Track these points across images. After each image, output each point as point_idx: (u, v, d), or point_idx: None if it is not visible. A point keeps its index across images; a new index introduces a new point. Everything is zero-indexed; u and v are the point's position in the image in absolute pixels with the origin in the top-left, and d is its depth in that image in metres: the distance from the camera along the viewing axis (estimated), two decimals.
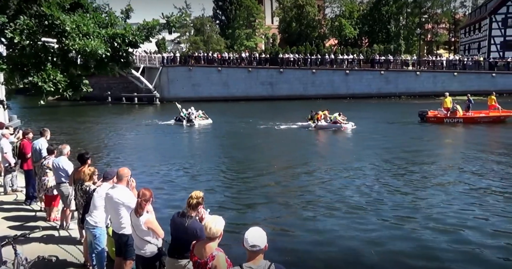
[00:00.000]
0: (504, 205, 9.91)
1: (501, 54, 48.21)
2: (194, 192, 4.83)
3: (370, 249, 7.75)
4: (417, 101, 39.32)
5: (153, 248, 5.03)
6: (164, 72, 45.27)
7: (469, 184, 11.77)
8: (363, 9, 64.45)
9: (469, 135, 21.38)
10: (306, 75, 44.82)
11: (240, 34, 56.61)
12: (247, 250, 3.53)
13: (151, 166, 15.28)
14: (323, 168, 14.34)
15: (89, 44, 6.00)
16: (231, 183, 12.91)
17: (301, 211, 10.11)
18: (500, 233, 8.28)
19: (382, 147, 18.00)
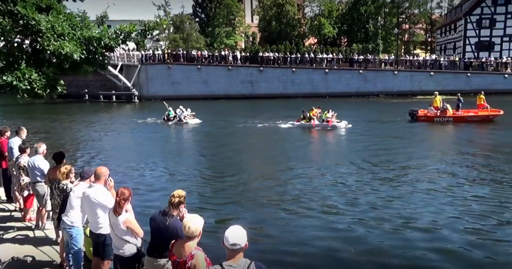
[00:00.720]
0: (480, 205, 10.08)
1: (475, 54, 49.37)
2: (176, 190, 4.80)
3: (350, 248, 7.82)
4: (394, 100, 39.96)
5: (132, 248, 4.97)
6: (143, 70, 44.78)
7: (451, 185, 11.85)
8: (342, 9, 65.05)
9: (458, 134, 21.56)
10: (286, 74, 45.01)
11: (220, 32, 56.41)
12: (227, 249, 3.54)
13: (130, 165, 15.10)
14: (306, 168, 14.28)
15: (64, 46, 5.92)
16: (211, 182, 12.86)
17: (281, 210, 10.14)
18: (475, 231, 8.41)
19: (373, 146, 17.96)
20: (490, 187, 11.41)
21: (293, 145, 19.27)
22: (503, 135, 20.17)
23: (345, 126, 23.29)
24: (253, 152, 18.40)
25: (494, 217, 9.09)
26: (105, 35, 6.45)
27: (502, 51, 49.18)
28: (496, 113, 23.87)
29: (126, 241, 4.92)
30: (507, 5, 48.87)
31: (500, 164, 14.07)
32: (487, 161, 14.78)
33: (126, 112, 37.76)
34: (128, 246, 4.94)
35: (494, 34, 49.88)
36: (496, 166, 13.80)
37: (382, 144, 18.42)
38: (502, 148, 16.66)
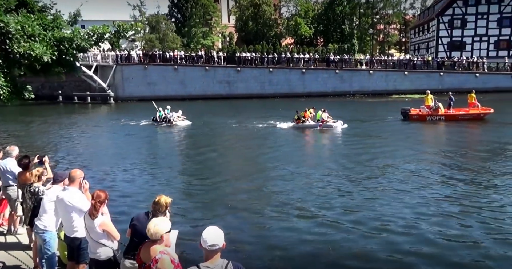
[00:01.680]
0: (460, 205, 10.09)
1: (448, 54, 50.56)
2: (163, 198, 4.71)
3: (328, 247, 7.87)
4: (370, 99, 40.53)
5: (108, 251, 4.90)
6: (118, 71, 44.16)
7: (433, 185, 11.75)
8: (318, 9, 65.66)
9: (450, 133, 21.57)
10: (263, 74, 45.12)
11: (197, 33, 56.11)
12: (205, 250, 3.52)
13: (106, 167, 14.86)
14: (289, 169, 14.10)
15: (34, 47, 5.79)
16: (189, 184, 12.77)
17: (259, 210, 10.14)
18: (452, 233, 8.38)
19: (364, 147, 17.77)
20: (471, 187, 11.41)
21: (279, 146, 18.83)
22: (493, 133, 20.37)
23: (341, 126, 22.85)
24: (235, 154, 18.30)
25: (471, 218, 9.08)
26: (76, 36, 6.33)
27: (473, 51, 50.51)
28: (486, 111, 24.20)
29: (102, 244, 4.85)
30: (477, 6, 50.24)
31: (485, 163, 14.05)
32: (473, 160, 14.71)
33: (101, 113, 37.16)
34: (104, 249, 4.87)
35: (466, 34, 51.20)
36: (481, 166, 13.75)
37: (374, 144, 18.25)
38: (492, 147, 16.81)
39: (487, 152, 15.98)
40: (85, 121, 30.01)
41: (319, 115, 23.46)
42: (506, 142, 17.77)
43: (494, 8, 49.95)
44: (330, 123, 22.94)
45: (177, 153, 18.19)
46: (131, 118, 28.25)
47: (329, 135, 21.81)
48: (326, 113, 23.46)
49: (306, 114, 23.67)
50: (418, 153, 16.30)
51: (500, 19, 50.08)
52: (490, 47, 50.89)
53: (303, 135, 22.17)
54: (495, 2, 49.76)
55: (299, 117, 23.72)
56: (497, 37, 50.60)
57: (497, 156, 15.27)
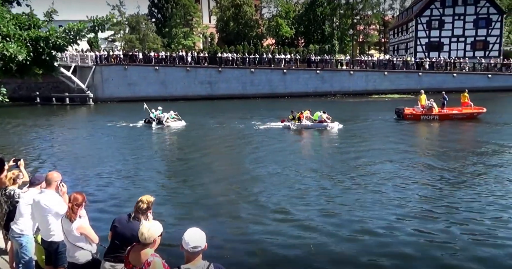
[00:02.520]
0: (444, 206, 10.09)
1: (426, 54, 51.42)
2: (144, 196, 4.70)
3: (310, 247, 7.87)
4: (351, 99, 40.91)
5: (87, 255, 4.81)
6: (97, 72, 43.54)
7: (420, 186, 11.73)
8: (299, 10, 66.03)
9: (444, 132, 21.62)
10: (245, 75, 45.11)
11: (177, 33, 55.78)
12: (187, 252, 3.48)
13: (85, 170, 14.60)
14: (274, 169, 13.96)
15: (9, 47, 5.63)
16: (170, 186, 12.62)
17: (240, 211, 10.09)
18: (432, 234, 8.35)
19: (356, 147, 17.66)
20: (455, 188, 11.42)
21: (267, 146, 18.55)
22: (486, 132, 20.51)
23: (338, 127, 22.55)
24: (218, 155, 18.10)
25: (452, 219, 9.06)
26: (52, 35, 6.17)
27: (451, 51, 51.53)
28: (479, 111, 24.53)
29: (80, 248, 4.75)
30: (454, 7, 51.27)
31: (472, 163, 14.09)
32: (461, 160, 14.63)
33: (81, 115, 36.57)
34: (83, 252, 4.78)
35: (443, 35, 52.18)
36: (468, 166, 13.77)
37: (367, 144, 18.08)
38: (484, 146, 16.94)
39: (477, 152, 15.95)
40: (64, 123, 29.47)
41: (317, 116, 23.15)
42: (496, 141, 17.78)
43: (471, 10, 51.04)
44: (327, 123, 22.59)
45: (160, 154, 17.94)
46: (117, 120, 27.55)
47: (324, 135, 21.62)
48: (326, 114, 23.08)
49: (301, 116, 23.24)
50: (408, 153, 16.26)
51: (476, 20, 51.20)
52: (467, 48, 51.97)
53: (296, 136, 21.78)
54: (471, 4, 50.85)
55: (294, 117, 23.33)
56: (473, 38, 51.72)
57: (485, 156, 15.30)
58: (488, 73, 44.63)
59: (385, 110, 28.87)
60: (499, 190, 10.99)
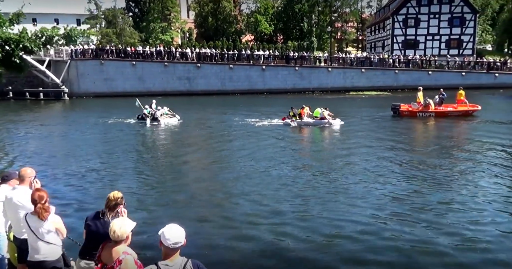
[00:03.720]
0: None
1: (402, 52, 52.24)
2: (112, 192, 4.64)
3: (287, 244, 7.90)
4: (329, 96, 41.23)
5: (58, 250, 4.73)
6: (73, 66, 42.65)
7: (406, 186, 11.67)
8: (278, 6, 66.08)
9: (440, 129, 21.65)
10: (224, 71, 44.94)
11: (155, 28, 55.09)
12: (167, 249, 3.46)
13: (60, 166, 14.30)
14: (256, 167, 13.88)
15: None
16: (147, 183, 12.46)
17: (219, 207, 10.09)
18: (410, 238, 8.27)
19: (353, 143, 17.58)
20: (438, 187, 11.46)
21: (262, 143, 18.24)
22: (481, 129, 20.71)
23: (339, 124, 22.26)
24: (207, 152, 17.93)
25: (431, 220, 9.01)
26: (24, 37, 6.00)
27: (426, 49, 52.49)
28: (474, 108, 24.83)
29: (53, 244, 4.66)
30: (429, 6, 52.20)
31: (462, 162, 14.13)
32: (447, 158, 14.64)
33: (55, 110, 35.78)
34: (55, 249, 4.69)
35: (419, 33, 53.09)
36: (460, 164, 13.75)
37: (365, 141, 17.97)
38: (478, 144, 17.02)
39: (470, 150, 15.99)
40: (38, 118, 28.77)
41: (317, 112, 22.83)
42: (488, 139, 17.89)
43: (445, 8, 52.06)
44: (328, 120, 22.26)
45: (141, 151, 17.64)
46: (107, 116, 26.71)
47: (323, 132, 21.29)
48: (327, 111, 22.74)
49: (302, 112, 22.82)
50: (406, 151, 16.16)
51: (451, 19, 52.28)
52: (441, 46, 53.03)
53: (291, 133, 21.23)
54: (446, 2, 51.86)
55: (295, 114, 22.92)
56: (448, 36, 52.80)
57: (475, 153, 15.37)
58: (462, 71, 45.62)
59: (369, 107, 29.11)
60: (488, 189, 11.05)
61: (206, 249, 7.63)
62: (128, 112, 26.82)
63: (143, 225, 8.10)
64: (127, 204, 4.88)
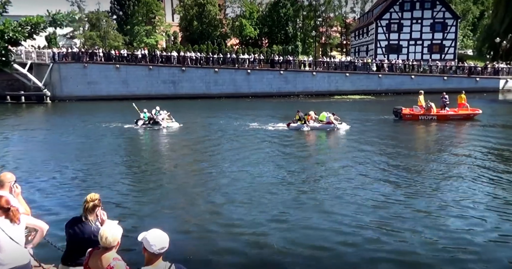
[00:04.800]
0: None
1: (386, 56, 52.92)
2: (89, 195, 4.55)
3: (273, 243, 7.90)
4: (314, 100, 41.46)
5: (28, 255, 4.65)
6: (55, 69, 42.07)
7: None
8: (263, 10, 66.36)
9: (442, 133, 21.52)
10: (209, 74, 44.87)
11: (140, 31, 54.82)
12: (151, 254, 3.42)
13: (41, 171, 14.05)
14: (241, 170, 13.81)
15: None
16: (130, 188, 12.32)
17: (201, 210, 10.01)
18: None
19: (368, 149, 17.17)
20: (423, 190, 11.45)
21: (259, 147, 17.94)
22: (481, 133, 20.59)
23: (345, 128, 21.91)
24: (188, 156, 17.87)
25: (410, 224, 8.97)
26: (8, 28, 5.88)
27: (409, 54, 53.27)
28: (476, 112, 25.07)
29: (25, 247, 4.58)
30: (412, 11, 53.08)
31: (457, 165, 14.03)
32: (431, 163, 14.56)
33: (37, 114, 35.23)
34: (26, 253, 4.61)
35: (402, 37, 53.92)
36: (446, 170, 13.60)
37: (375, 146, 17.63)
38: (481, 147, 16.90)
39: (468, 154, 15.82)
40: (19, 122, 28.24)
41: (324, 116, 22.40)
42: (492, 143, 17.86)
43: (428, 14, 52.99)
44: (334, 125, 21.88)
45: (126, 156, 17.33)
46: (108, 120, 25.94)
47: (329, 136, 20.93)
48: (334, 115, 22.31)
49: (309, 117, 22.37)
50: (405, 156, 15.91)
51: (433, 24, 53.24)
52: (424, 51, 53.92)
53: (297, 138, 20.61)
54: (428, 8, 52.81)
55: (300, 118, 22.36)
56: (430, 41, 53.74)
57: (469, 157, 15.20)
58: (444, 75, 46.38)
59: (357, 110, 28.87)
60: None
61: (190, 253, 7.57)
62: (113, 116, 26.56)
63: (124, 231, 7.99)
64: (107, 210, 4.81)
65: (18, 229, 4.47)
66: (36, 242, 4.79)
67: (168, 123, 23.81)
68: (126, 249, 6.89)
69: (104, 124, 25.07)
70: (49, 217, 8.69)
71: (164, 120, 23.74)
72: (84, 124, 25.28)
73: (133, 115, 25.07)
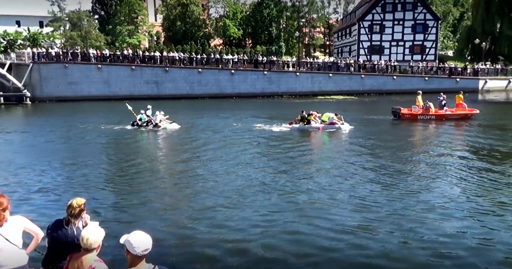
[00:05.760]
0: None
1: (368, 57, 53.49)
2: (75, 200, 4.47)
3: (257, 244, 7.87)
4: (297, 100, 41.62)
5: (26, 257, 4.56)
6: (35, 70, 41.33)
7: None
8: (246, 11, 66.42)
9: (441, 132, 21.58)
10: (192, 75, 44.67)
11: (122, 31, 54.26)
12: (135, 257, 3.39)
13: (22, 174, 13.76)
14: (228, 170, 13.71)
15: None
16: (111, 190, 12.17)
17: (186, 212, 9.94)
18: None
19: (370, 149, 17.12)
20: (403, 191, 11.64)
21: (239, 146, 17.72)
22: (478, 133, 20.73)
23: (349, 128, 21.77)
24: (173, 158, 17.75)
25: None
26: None
27: (391, 55, 53.94)
28: (473, 112, 25.40)
29: (21, 248, 4.50)
30: (394, 13, 53.79)
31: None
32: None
33: (17, 115, 34.52)
34: (24, 254, 4.52)
35: (384, 39, 54.57)
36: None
37: (380, 146, 17.58)
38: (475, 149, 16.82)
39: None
40: None
41: (327, 116, 22.21)
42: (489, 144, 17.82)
43: (409, 15, 53.77)
44: (338, 125, 21.74)
45: (107, 157, 17.15)
46: (98, 122, 25.37)
47: (331, 137, 20.71)
48: (338, 115, 22.14)
49: (313, 116, 22.15)
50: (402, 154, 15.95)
51: (414, 25, 54.03)
52: (405, 51, 54.68)
53: (300, 138, 20.35)
54: (410, 9, 53.57)
55: (303, 119, 22.13)
56: (411, 42, 54.53)
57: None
58: (425, 76, 47.07)
59: (342, 110, 28.56)
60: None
61: (174, 255, 7.51)
62: (96, 117, 26.20)
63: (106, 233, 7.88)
64: (88, 213, 4.73)
65: (16, 231, 4.39)
66: (31, 248, 4.70)
67: (167, 125, 23.14)
68: (108, 251, 6.81)
69: (86, 125, 24.70)
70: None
71: (162, 122, 23.07)
72: (66, 126, 24.84)
73: (117, 116, 24.79)
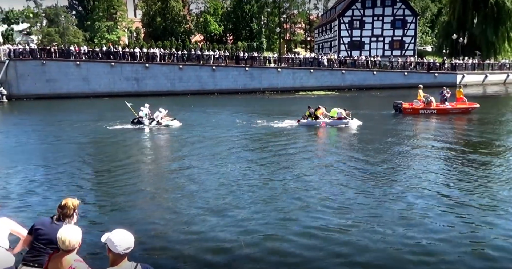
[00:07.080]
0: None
1: (348, 53, 53.89)
2: (70, 200, 4.39)
3: (240, 241, 7.87)
4: (279, 96, 41.73)
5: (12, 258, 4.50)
6: (11, 67, 40.35)
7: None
8: (227, 7, 66.14)
9: (441, 125, 21.88)
10: (173, 71, 44.27)
11: (100, 27, 53.42)
12: (117, 255, 3.37)
13: (4, 173, 13.49)
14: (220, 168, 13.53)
15: None
16: (97, 186, 12.05)
17: (169, 209, 9.90)
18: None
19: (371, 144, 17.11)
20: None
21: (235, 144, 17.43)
22: (477, 127, 21.13)
23: (357, 124, 21.23)
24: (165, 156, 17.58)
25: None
26: None
27: (371, 50, 54.47)
28: (473, 106, 25.78)
29: (7, 251, 4.43)
30: (373, 8, 54.27)
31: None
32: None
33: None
34: (10, 256, 4.45)
35: (364, 34, 55.03)
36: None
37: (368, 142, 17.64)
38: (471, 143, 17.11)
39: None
40: None
41: (335, 112, 21.96)
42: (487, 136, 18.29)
43: (388, 11, 54.32)
44: (347, 120, 21.47)
45: (90, 156, 16.85)
46: (32, 118, 25.56)
47: (339, 132, 20.60)
48: (346, 111, 22.00)
49: (321, 112, 21.87)
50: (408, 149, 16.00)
51: (394, 21, 54.62)
52: (385, 47, 55.28)
53: (308, 134, 20.16)
54: (389, 5, 54.14)
55: (311, 114, 21.86)
56: (391, 38, 55.14)
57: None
58: (404, 71, 47.68)
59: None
60: None
61: (156, 251, 7.47)
62: (76, 115, 25.74)
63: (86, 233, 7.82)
64: None
65: (2, 233, 4.32)
66: (17, 249, 4.63)
67: (168, 122, 22.56)
68: (89, 250, 6.74)
69: (66, 123, 24.33)
70: None
71: (163, 119, 22.49)
72: (44, 124, 24.42)
73: (95, 113, 24.39)
